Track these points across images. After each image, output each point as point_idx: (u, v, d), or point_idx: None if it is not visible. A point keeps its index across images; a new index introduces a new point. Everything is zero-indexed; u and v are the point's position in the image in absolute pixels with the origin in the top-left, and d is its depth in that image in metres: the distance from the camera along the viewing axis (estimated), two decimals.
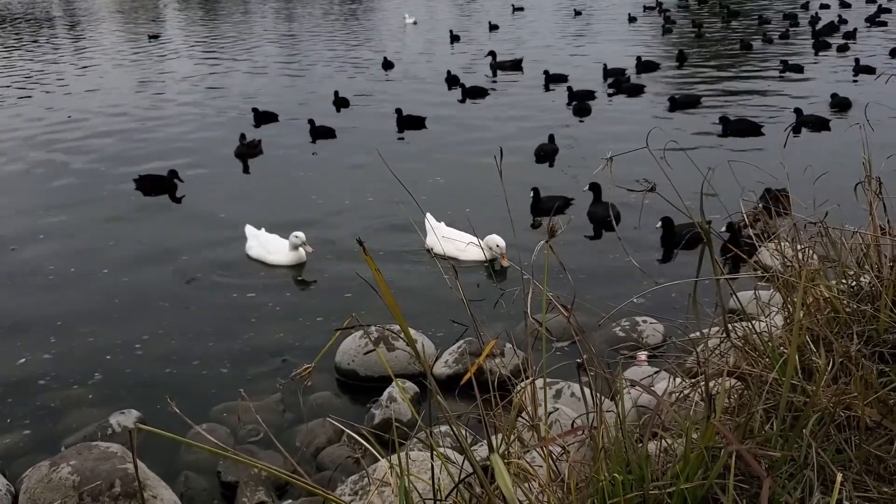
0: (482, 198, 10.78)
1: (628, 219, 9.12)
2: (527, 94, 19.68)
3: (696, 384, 2.83)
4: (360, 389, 6.48)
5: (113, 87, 22.47)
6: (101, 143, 15.57)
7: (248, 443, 5.60)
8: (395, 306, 1.92)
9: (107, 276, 9.00)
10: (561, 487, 2.38)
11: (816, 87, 18.95)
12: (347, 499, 4.17)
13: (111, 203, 11.72)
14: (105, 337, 7.47)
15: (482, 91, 19.63)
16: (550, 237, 2.63)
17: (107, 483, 4.54)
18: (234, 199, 11.71)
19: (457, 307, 7.96)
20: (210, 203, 11.67)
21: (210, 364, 6.93)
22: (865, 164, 3.66)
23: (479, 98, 19.30)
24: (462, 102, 18.91)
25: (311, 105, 18.60)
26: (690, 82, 20.58)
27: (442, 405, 2.11)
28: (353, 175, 12.75)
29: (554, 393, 5.23)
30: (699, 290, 2.94)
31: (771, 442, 2.36)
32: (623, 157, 2.94)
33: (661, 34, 32.62)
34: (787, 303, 3.27)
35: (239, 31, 38.36)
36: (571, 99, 18.12)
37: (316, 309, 7.96)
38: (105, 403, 6.29)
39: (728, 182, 3.69)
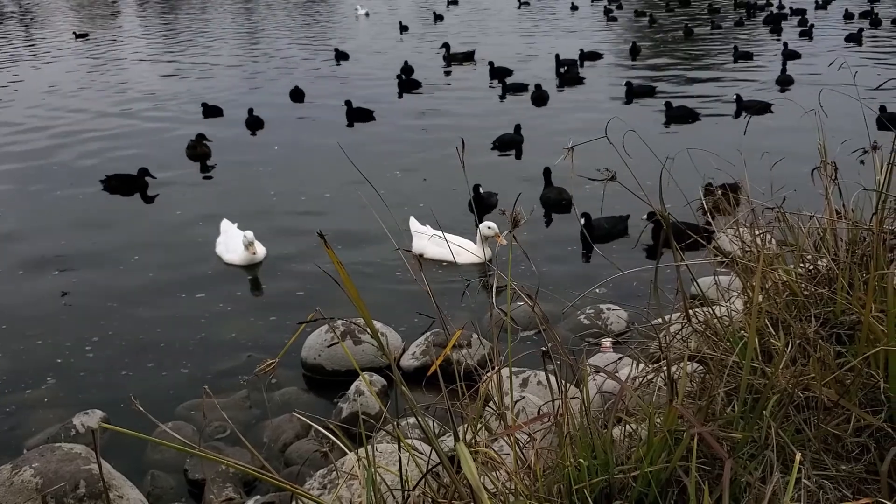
0: (443, 191, 10.80)
1: (587, 207, 9.19)
2: (477, 85, 19.74)
3: (659, 369, 2.87)
4: (326, 384, 6.46)
5: (38, 88, 21.95)
6: (55, 146, 15.24)
7: (215, 440, 5.55)
8: (359, 298, 1.92)
9: (61, 277, 8.85)
10: (528, 474, 2.40)
11: (767, 73, 19.39)
12: (316, 493, 4.16)
13: (74, 205, 11.44)
14: (64, 338, 7.35)
15: (417, 83, 19.58)
16: (514, 227, 2.64)
17: (71, 484, 4.47)
18: (203, 197, 11.56)
19: (424, 299, 7.99)
20: (179, 201, 11.52)
21: (174, 362, 6.86)
22: (821, 149, 3.74)
23: (418, 90, 19.29)
24: (400, 97, 18.82)
25: (265, 99, 18.39)
26: (644, 72, 20.81)
27: (408, 396, 2.11)
28: (311, 169, 12.68)
29: (520, 381, 5.27)
30: (661, 277, 2.98)
31: (732, 424, 2.40)
32: (583, 147, 2.97)
33: (606, 22, 33.26)
34: (747, 287, 3.32)
35: (194, 25, 37.86)
36: (505, 92, 18.46)
37: (280, 305, 7.91)
38: (68, 404, 6.20)
39: (688, 170, 3.74)
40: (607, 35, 29.45)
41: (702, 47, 25.53)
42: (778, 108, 14.65)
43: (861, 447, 2.28)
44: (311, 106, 18.13)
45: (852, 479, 2.19)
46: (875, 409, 2.34)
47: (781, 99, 15.32)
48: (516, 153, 13.44)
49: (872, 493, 2.09)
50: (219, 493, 4.75)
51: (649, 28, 31.13)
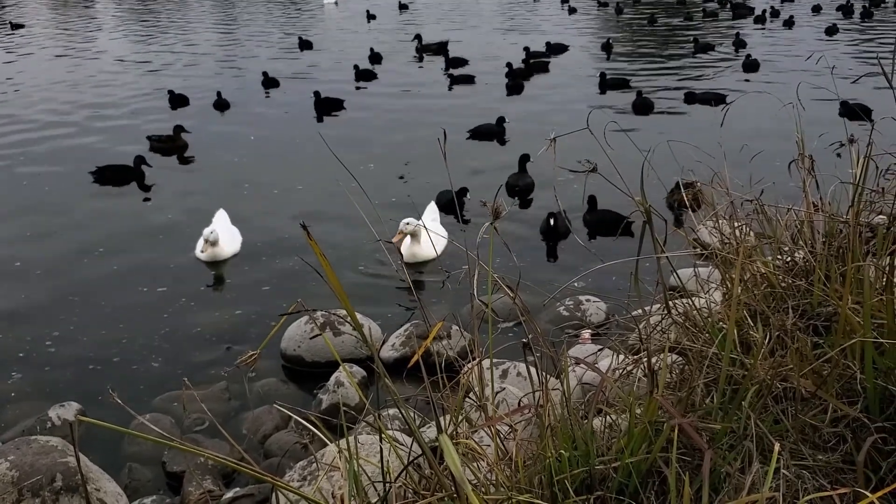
0: (420, 185, 10.73)
1: (570, 200, 9.22)
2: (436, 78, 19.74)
3: (639, 360, 2.88)
4: (306, 375, 6.45)
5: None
6: (34, 137, 15.03)
7: (194, 432, 5.53)
8: (342, 291, 1.91)
9: (42, 268, 8.74)
10: (509, 465, 2.41)
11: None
12: (296, 484, 4.15)
13: (59, 199, 11.19)
14: (41, 329, 7.26)
15: (372, 74, 19.61)
16: (495, 219, 2.64)
17: (47, 478, 4.43)
18: (183, 190, 11.44)
19: (402, 290, 7.99)
20: (158, 193, 11.41)
21: (152, 354, 6.80)
22: (798, 142, 3.77)
23: (371, 80, 19.33)
24: (358, 87, 18.82)
25: (230, 86, 18.30)
26: (615, 64, 20.97)
27: (390, 388, 2.11)
28: (284, 161, 12.62)
29: (500, 373, 5.28)
30: (640, 269, 3.00)
31: (712, 415, 2.42)
32: (563, 137, 2.97)
33: (568, 13, 33.60)
34: (726, 279, 3.35)
35: (160, 15, 37.49)
36: (452, 83, 18.59)
37: (258, 297, 7.86)
38: (43, 396, 6.13)
39: (667, 161, 3.76)
40: (571, 27, 29.65)
41: (668, 37, 25.90)
42: (756, 98, 14.80)
43: (838, 437, 2.31)
44: (273, 97, 18.11)
45: (829, 469, 2.22)
46: (852, 399, 2.37)
47: (760, 90, 15.48)
48: (498, 143, 13.45)
49: (849, 483, 2.11)
50: (198, 486, 4.73)
51: (616, 19, 31.66)
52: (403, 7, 36.07)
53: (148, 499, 4.78)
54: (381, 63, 21.50)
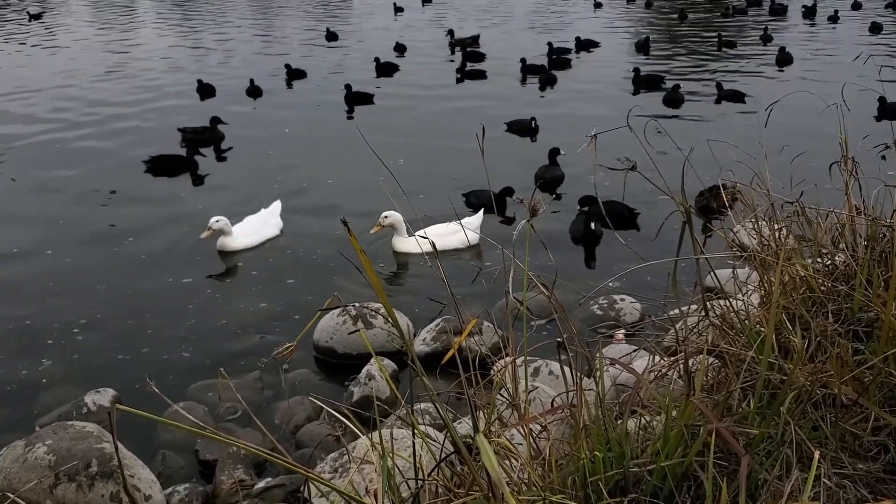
0: (446, 182, 10.70)
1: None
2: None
3: (675, 362, 2.85)
4: (337, 367, 6.48)
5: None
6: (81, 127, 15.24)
7: (227, 421, 5.58)
8: (380, 287, 1.91)
9: (83, 254, 8.88)
10: (541, 465, 2.40)
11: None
12: (327, 476, 4.18)
13: (113, 185, 11.36)
14: (79, 315, 7.38)
15: (394, 67, 19.73)
16: (532, 216, 2.63)
17: (83, 463, 4.50)
18: (230, 182, 11.56)
19: (433, 284, 7.96)
20: (208, 183, 11.52)
21: (181, 344, 6.87)
22: (842, 144, 3.70)
23: (394, 73, 19.45)
24: (380, 80, 18.91)
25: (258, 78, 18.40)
26: (648, 61, 20.80)
27: (426, 384, 2.11)
28: (317, 154, 12.68)
29: (532, 371, 5.26)
30: (676, 269, 2.97)
31: (749, 419, 2.39)
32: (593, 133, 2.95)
33: (594, 8, 33.47)
34: (764, 281, 3.30)
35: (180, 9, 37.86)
36: (463, 77, 18.80)
37: (284, 289, 7.92)
38: (79, 382, 6.23)
39: (707, 160, 3.71)
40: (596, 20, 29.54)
41: (699, 33, 25.70)
42: (798, 97, 14.66)
43: (880, 446, 2.26)
44: (302, 89, 18.26)
45: (870, 479, 2.18)
46: (894, 408, 2.32)
47: (801, 88, 15.32)
48: (531, 139, 13.41)
49: (891, 493, 2.07)
50: (230, 475, 4.78)
51: (647, 12, 31.52)
52: (427, 1, 36.25)
53: (181, 486, 4.83)
54: (404, 55, 21.73)
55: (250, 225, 9.03)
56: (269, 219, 9.17)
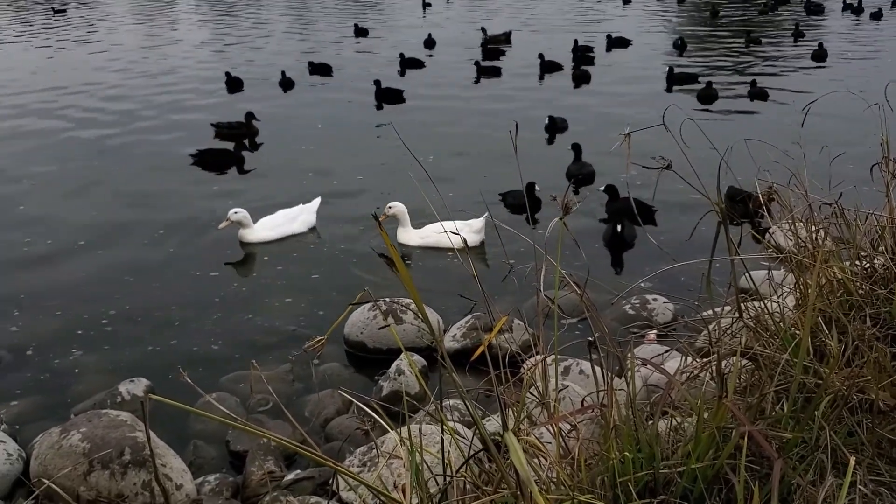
0: (477, 179, 10.66)
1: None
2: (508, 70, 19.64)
3: (708, 364, 2.82)
4: (367, 361, 6.51)
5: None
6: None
7: (258, 412, 5.63)
8: (411, 283, 1.91)
9: (115, 247, 9.00)
10: (570, 465, 2.39)
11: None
12: (356, 470, 4.20)
13: (157, 179, 11.50)
14: (114, 306, 7.48)
15: (419, 62, 19.83)
16: (565, 214, 2.61)
17: (117, 451, 4.57)
18: (263, 178, 11.65)
19: (463, 281, 7.93)
20: (241, 178, 11.61)
21: (215, 335, 6.94)
22: (883, 145, 3.63)
23: (420, 68, 19.55)
24: (402, 75, 19.01)
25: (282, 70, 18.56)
26: (681, 59, 20.63)
27: (456, 381, 2.11)
28: (348, 150, 12.70)
29: (563, 370, 5.24)
30: (705, 269, 2.93)
31: (782, 423, 2.35)
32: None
33: (622, 4, 33.33)
34: (800, 284, 3.25)
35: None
36: (543, 70, 18.79)
37: (322, 283, 7.97)
38: (114, 371, 6.32)
39: (743, 160, 3.66)
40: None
41: (734, 30, 25.46)
42: (837, 96, 14.50)
43: None
44: (332, 84, 18.42)
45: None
46: None
47: (842, 88, 15.13)
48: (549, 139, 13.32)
49: None
50: (260, 466, 4.82)
51: (678, 9, 31.35)
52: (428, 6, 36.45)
53: (211, 476, 4.89)
54: (433, 49, 22.05)
55: (275, 219, 9.11)
56: (301, 215, 9.21)
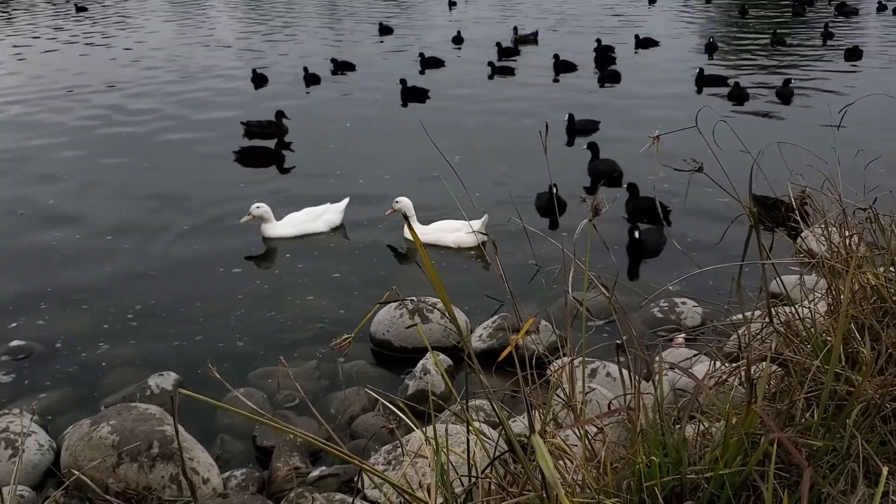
0: (503, 179, 10.62)
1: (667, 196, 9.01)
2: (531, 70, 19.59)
3: (737, 369, 2.79)
4: (393, 359, 6.52)
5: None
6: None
7: (285, 408, 5.67)
8: (439, 283, 1.91)
9: (141, 243, 9.09)
10: (596, 468, 2.38)
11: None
12: (381, 468, 4.21)
13: (183, 176, 11.62)
14: (139, 301, 7.55)
15: (439, 61, 19.95)
16: (594, 216, 2.60)
17: (145, 444, 4.62)
18: (291, 177, 11.74)
19: (490, 281, 7.89)
20: (269, 175, 11.69)
21: (239, 332, 6.99)
22: None
23: (439, 67, 19.68)
24: (422, 73, 19.15)
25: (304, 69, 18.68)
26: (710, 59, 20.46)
27: (483, 382, 2.11)
28: (375, 149, 12.74)
29: (589, 372, 5.21)
30: (739, 274, 2.90)
31: (812, 431, 2.33)
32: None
33: (648, 4, 33.20)
34: (832, 289, 3.21)
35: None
36: (558, 70, 18.83)
37: (350, 281, 8.00)
38: (143, 365, 6.39)
39: (776, 163, 3.62)
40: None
41: (762, 30, 25.27)
42: (870, 98, 14.33)
43: None
44: (359, 82, 18.54)
45: None
46: None
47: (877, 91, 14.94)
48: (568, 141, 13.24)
49: None
50: (285, 462, 4.85)
51: (706, 8, 31.19)
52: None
53: (238, 471, 4.92)
54: (461, 46, 22.42)
55: (297, 216, 9.21)
56: (325, 214, 9.25)
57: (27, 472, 4.87)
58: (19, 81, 19.17)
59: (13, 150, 13.11)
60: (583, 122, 13.40)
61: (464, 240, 8.57)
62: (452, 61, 20.44)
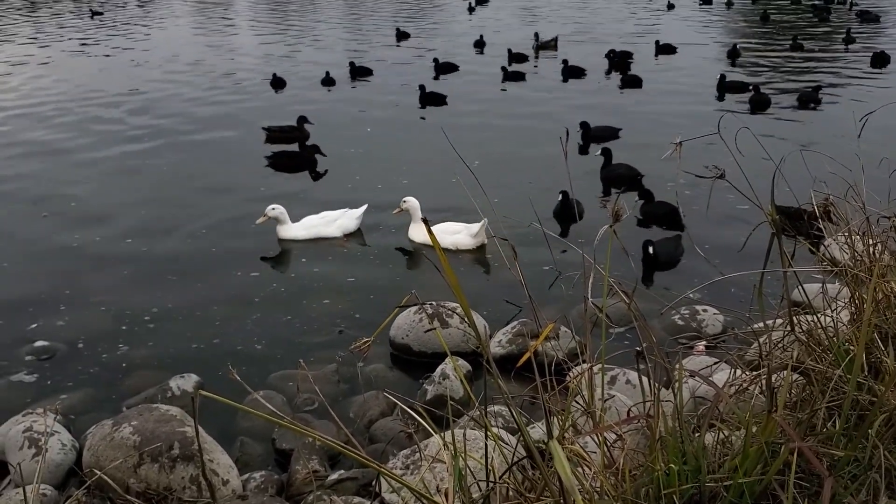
0: (522, 185, 10.61)
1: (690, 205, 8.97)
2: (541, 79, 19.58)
3: (758, 377, 2.77)
4: (412, 364, 6.53)
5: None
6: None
7: (304, 411, 5.69)
8: (458, 287, 1.92)
9: (160, 245, 9.17)
10: (615, 475, 2.37)
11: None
12: (399, 472, 4.22)
13: (220, 178, 11.71)
14: (156, 304, 7.62)
15: (453, 66, 20.13)
16: (615, 222, 2.60)
17: (166, 445, 4.66)
18: (311, 181, 11.79)
19: (509, 286, 7.88)
20: (288, 179, 11.75)
21: (261, 333, 7.03)
22: None
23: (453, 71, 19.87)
24: (436, 79, 19.27)
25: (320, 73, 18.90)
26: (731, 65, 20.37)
27: (502, 387, 2.11)
28: (394, 154, 12.80)
29: (608, 379, 5.19)
30: (759, 282, 2.88)
31: (833, 440, 2.31)
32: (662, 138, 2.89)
33: (667, 9, 33.31)
34: (855, 298, 3.18)
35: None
36: (566, 75, 19.06)
37: (367, 283, 8.03)
38: (165, 366, 6.44)
39: (798, 170, 3.60)
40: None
41: (784, 36, 25.19)
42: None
43: None
44: (379, 86, 18.69)
45: None
46: None
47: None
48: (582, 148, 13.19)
49: None
50: (304, 465, 4.87)
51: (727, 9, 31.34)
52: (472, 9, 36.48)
53: (257, 473, 4.95)
54: (483, 51, 22.66)
55: (312, 220, 9.30)
56: (339, 219, 9.29)
57: (50, 472, 4.93)
58: (46, 84, 19.43)
59: (36, 153, 13.28)
60: (599, 128, 13.34)
61: (461, 242, 8.73)
62: (468, 66, 20.49)
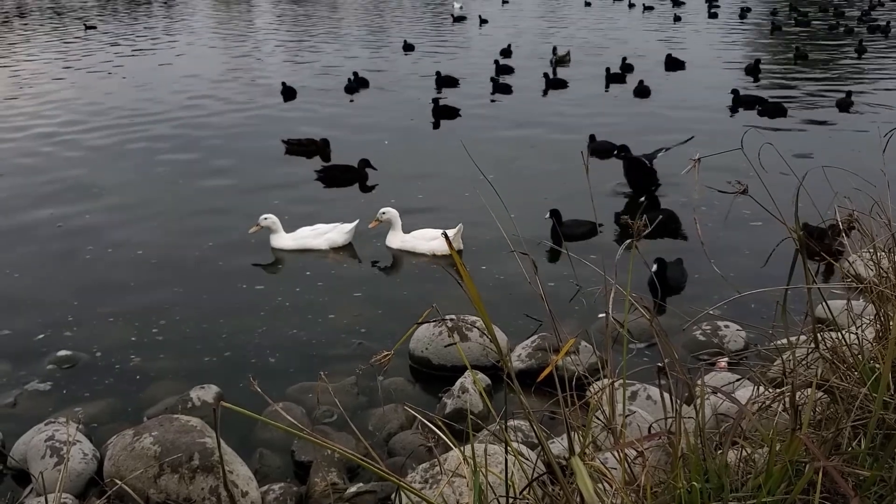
0: (538, 200, 10.56)
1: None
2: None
3: (781, 394, 2.75)
4: (431, 377, 6.53)
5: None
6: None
7: (323, 423, 5.70)
8: (480, 301, 1.92)
9: (168, 258, 9.22)
10: (636, 492, 2.35)
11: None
12: (418, 486, 4.20)
13: (211, 194, 11.76)
14: (158, 317, 7.65)
15: (454, 80, 20.18)
16: (637, 238, 2.58)
17: (186, 455, 4.68)
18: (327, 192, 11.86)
19: (529, 300, 7.85)
20: (302, 191, 11.80)
21: (273, 346, 7.05)
22: None
23: (454, 86, 19.93)
24: (439, 91, 19.36)
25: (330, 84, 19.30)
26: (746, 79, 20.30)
27: (522, 402, 2.10)
28: (410, 166, 12.85)
29: (629, 395, 5.16)
30: (784, 298, 2.86)
31: (859, 460, 2.28)
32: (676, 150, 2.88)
33: (673, 21, 33.44)
34: (881, 315, 3.14)
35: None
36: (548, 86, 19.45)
37: (383, 296, 8.05)
38: (186, 377, 6.47)
39: (821, 185, 3.57)
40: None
41: (799, 45, 25.19)
42: None
43: None
44: (396, 99, 18.82)
45: None
46: None
47: None
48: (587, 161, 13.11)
49: None
50: (323, 478, 4.87)
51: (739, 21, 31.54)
52: (485, 22, 36.64)
53: (276, 485, 4.95)
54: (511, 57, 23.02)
55: (303, 231, 9.44)
56: (329, 233, 9.36)
57: (71, 481, 4.96)
58: (66, 97, 19.64)
59: (53, 166, 13.41)
60: (602, 143, 13.25)
61: (438, 248, 8.88)
62: (468, 79, 20.53)
